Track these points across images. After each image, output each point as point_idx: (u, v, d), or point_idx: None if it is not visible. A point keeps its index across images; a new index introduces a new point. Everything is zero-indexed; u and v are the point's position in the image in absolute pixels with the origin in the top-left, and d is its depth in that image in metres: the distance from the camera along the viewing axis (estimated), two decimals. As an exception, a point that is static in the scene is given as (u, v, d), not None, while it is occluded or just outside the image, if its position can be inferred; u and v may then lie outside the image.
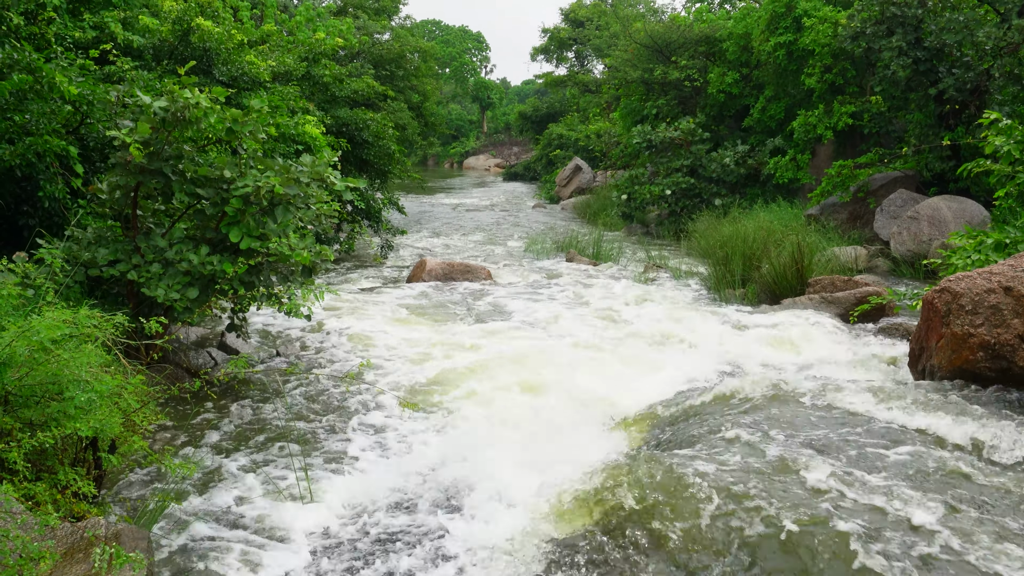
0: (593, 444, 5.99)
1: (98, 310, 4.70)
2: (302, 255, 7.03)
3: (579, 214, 27.37)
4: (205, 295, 6.85)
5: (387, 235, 17.14)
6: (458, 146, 74.68)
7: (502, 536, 4.78)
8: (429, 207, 29.75)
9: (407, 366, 8.46)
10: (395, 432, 6.62)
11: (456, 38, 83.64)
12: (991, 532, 3.97)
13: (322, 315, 10.28)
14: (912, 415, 5.48)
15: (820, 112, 18.97)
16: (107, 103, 7.42)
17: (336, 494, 5.43)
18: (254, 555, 4.62)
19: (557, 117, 50.72)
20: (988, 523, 4.06)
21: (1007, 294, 6.13)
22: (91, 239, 6.83)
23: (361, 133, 16.23)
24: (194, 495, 5.35)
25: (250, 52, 12.45)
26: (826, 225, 16.09)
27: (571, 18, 49.72)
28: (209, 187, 6.90)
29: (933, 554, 3.80)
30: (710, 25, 24.97)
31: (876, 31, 15.85)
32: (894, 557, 3.77)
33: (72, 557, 3.61)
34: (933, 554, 3.80)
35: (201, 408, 7.00)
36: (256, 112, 7.18)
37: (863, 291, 10.09)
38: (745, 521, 4.19)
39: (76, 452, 4.48)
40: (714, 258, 12.91)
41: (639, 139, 21.95)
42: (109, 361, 4.62)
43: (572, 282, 13.67)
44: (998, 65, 14.68)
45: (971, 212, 13.68)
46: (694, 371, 7.86)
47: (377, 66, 22.95)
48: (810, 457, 4.85)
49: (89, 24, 10.50)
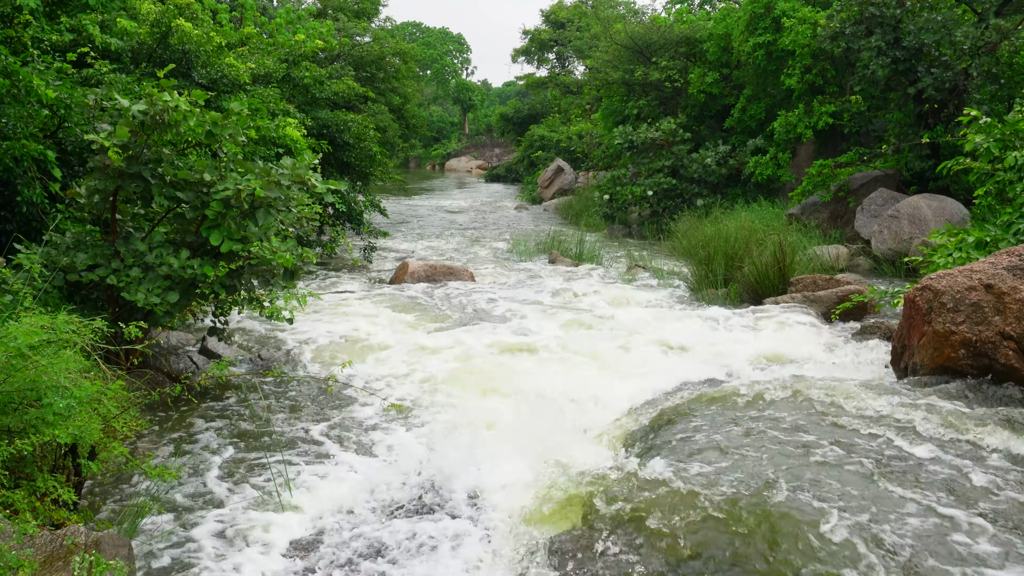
0: (575, 447, 5.97)
1: (77, 315, 4.65)
2: (284, 258, 6.98)
3: (561, 215, 27.39)
4: (186, 299, 6.79)
5: (369, 238, 17.07)
6: (440, 148, 74.59)
7: (486, 538, 4.77)
8: (411, 209, 29.69)
9: (389, 369, 8.43)
10: (378, 435, 6.59)
11: (437, 40, 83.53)
12: (985, 528, 3.98)
13: (304, 318, 10.22)
14: (894, 412, 5.50)
15: (800, 112, 19.07)
16: (85, 107, 7.35)
17: (318, 498, 5.39)
18: (236, 561, 4.58)
19: (539, 118, 50.78)
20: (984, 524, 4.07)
21: (988, 292, 6.16)
22: (70, 244, 6.76)
23: (342, 135, 16.17)
24: (175, 501, 5.30)
25: (230, 54, 12.37)
26: (807, 224, 16.16)
27: (552, 20, 49.81)
28: (189, 190, 6.85)
29: (916, 542, 3.82)
30: (690, 26, 25.08)
31: (855, 31, 15.95)
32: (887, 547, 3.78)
33: (51, 565, 3.56)
34: (916, 542, 3.82)
35: (182, 413, 6.95)
36: (236, 115, 7.13)
37: (845, 290, 10.13)
38: (723, 522, 4.19)
39: (55, 459, 4.42)
40: (696, 258, 12.93)
41: (620, 140, 21.99)
42: (88, 367, 4.58)
43: (555, 283, 13.67)
44: (976, 64, 14.80)
45: (951, 210, 13.76)
46: (677, 372, 7.85)
47: (358, 68, 22.90)
48: (791, 458, 4.85)
49: (66, 27, 10.40)
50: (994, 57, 14.78)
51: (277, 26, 20.20)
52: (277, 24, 20.37)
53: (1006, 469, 4.64)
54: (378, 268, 15.86)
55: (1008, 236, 7.93)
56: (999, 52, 14.74)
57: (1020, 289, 6.02)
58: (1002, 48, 14.69)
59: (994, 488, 4.41)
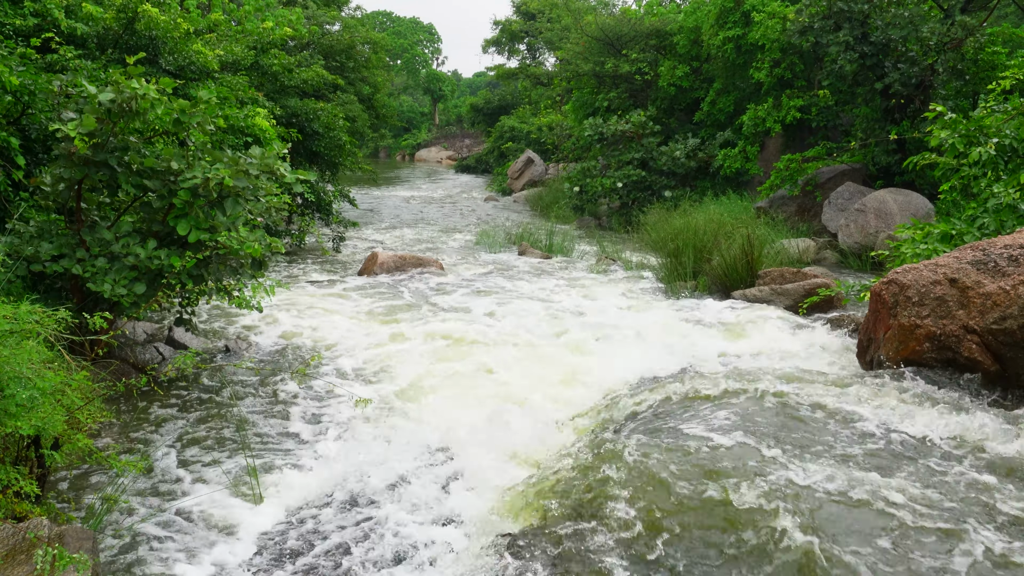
0: (542, 437, 5.98)
1: (40, 305, 4.58)
2: (252, 248, 6.92)
3: (531, 207, 27.39)
4: (152, 290, 6.72)
5: (338, 228, 16.98)
6: (410, 138, 74.31)
7: (456, 528, 4.77)
8: (381, 200, 29.56)
9: (358, 360, 8.39)
10: (346, 427, 6.56)
11: (407, 30, 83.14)
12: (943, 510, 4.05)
13: (273, 309, 10.15)
14: (860, 404, 5.56)
15: (769, 106, 19.20)
16: (50, 93, 7.23)
17: (286, 490, 5.36)
18: (202, 554, 4.54)
19: (509, 109, 50.72)
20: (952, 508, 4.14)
21: (952, 286, 6.24)
22: (33, 233, 6.66)
23: (311, 124, 16.07)
24: (141, 493, 5.25)
25: (197, 41, 12.22)
26: (775, 218, 16.28)
27: (523, 10, 49.66)
28: (156, 179, 6.77)
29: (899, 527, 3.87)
30: (661, 19, 25.14)
31: (824, 26, 16.07)
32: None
33: (13, 559, 3.51)
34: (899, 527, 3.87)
35: (148, 405, 6.88)
36: (204, 103, 7.05)
37: (812, 283, 10.21)
38: (693, 508, 4.22)
39: (18, 451, 4.36)
40: (665, 250, 12.98)
41: (591, 132, 22.01)
42: (52, 357, 4.52)
43: (524, 275, 13.67)
44: (942, 60, 14.98)
45: (916, 205, 13.92)
46: (645, 363, 7.87)
47: (327, 57, 22.71)
48: (757, 445, 4.89)
49: (30, 11, 10.22)
50: (960, 53, 14.96)
51: (246, 13, 20.00)
52: (246, 11, 20.17)
53: (958, 456, 4.73)
54: (347, 258, 15.78)
55: (973, 230, 8.04)
56: (964, 48, 14.92)
57: (984, 283, 6.11)
58: (967, 44, 14.88)
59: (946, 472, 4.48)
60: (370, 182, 34.10)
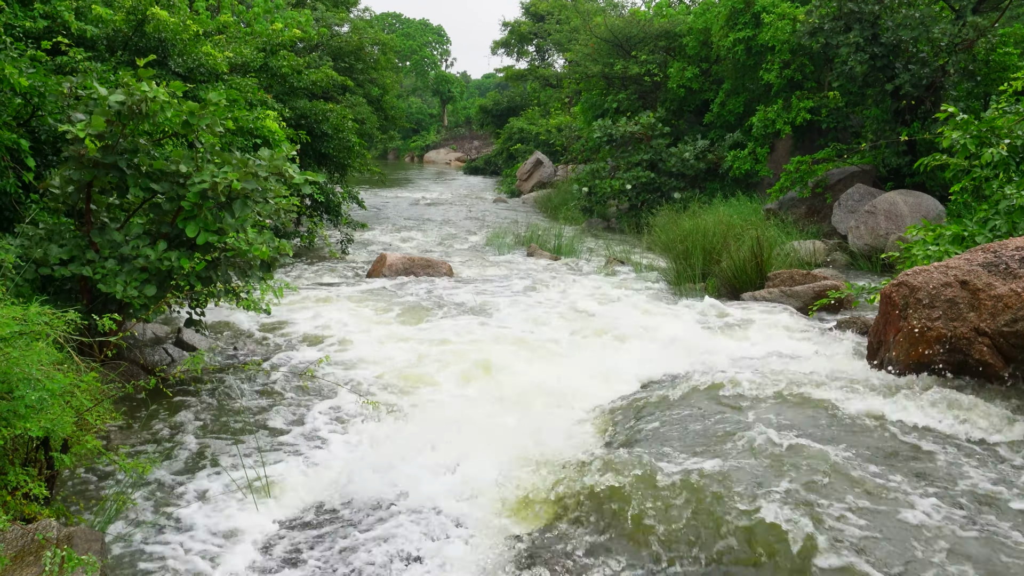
0: (553, 438, 5.96)
1: (50, 306, 4.59)
2: (260, 250, 6.91)
3: (540, 208, 27.38)
4: (162, 291, 6.72)
5: (347, 229, 16.99)
6: (419, 140, 74.40)
7: (462, 530, 4.76)
8: (389, 201, 29.58)
9: (367, 361, 8.38)
10: (355, 428, 6.55)
11: (416, 31, 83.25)
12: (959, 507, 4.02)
13: (281, 311, 10.16)
14: (871, 405, 5.54)
15: (779, 107, 19.14)
16: (59, 95, 7.24)
17: (293, 491, 5.36)
18: (210, 554, 4.54)
19: (518, 111, 50.70)
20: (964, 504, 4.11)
21: (963, 288, 6.20)
22: (42, 235, 6.67)
23: (320, 125, 16.07)
24: (150, 495, 5.26)
25: (206, 43, 12.24)
26: (785, 219, 16.22)
27: (532, 12, 49.64)
28: (165, 181, 6.77)
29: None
30: (670, 20, 25.08)
31: (834, 27, 16.02)
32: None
33: (22, 560, 3.51)
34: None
35: (157, 406, 6.88)
36: (214, 105, 7.05)
37: (822, 285, 10.18)
38: (703, 508, 4.20)
39: (27, 452, 4.36)
40: (674, 252, 12.95)
41: (600, 133, 21.97)
42: (61, 359, 4.52)
43: (533, 276, 13.65)
44: (953, 61, 14.90)
45: (927, 206, 13.86)
46: (656, 365, 7.85)
47: (336, 58, 22.73)
48: (769, 445, 4.87)
49: (40, 13, 10.25)
50: (971, 54, 14.89)
51: (255, 15, 20.01)
52: (255, 13, 20.18)
53: (969, 452, 4.71)
54: (356, 260, 15.78)
55: (984, 232, 7.99)
56: (976, 49, 14.85)
57: (995, 286, 6.07)
58: (979, 45, 14.80)
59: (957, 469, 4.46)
60: (379, 184, 34.13)
